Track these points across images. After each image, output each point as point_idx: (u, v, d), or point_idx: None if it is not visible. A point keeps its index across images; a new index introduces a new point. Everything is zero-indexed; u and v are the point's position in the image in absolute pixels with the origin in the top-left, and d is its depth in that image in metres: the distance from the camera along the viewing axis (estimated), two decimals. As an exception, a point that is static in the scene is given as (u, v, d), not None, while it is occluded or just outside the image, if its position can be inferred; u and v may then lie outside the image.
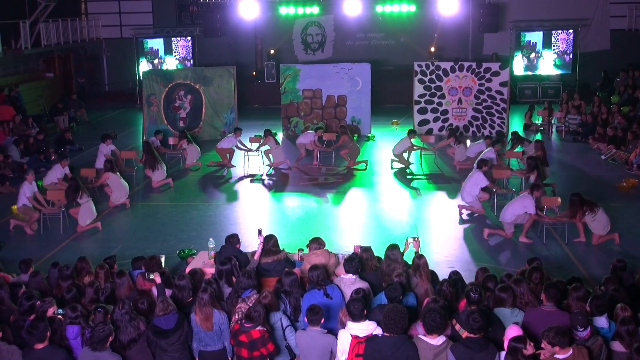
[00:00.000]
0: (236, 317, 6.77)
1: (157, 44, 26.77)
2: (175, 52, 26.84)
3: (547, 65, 25.63)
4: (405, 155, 16.93)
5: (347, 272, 7.49)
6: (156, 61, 26.74)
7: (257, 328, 6.44)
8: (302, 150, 17.46)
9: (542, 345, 5.76)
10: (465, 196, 13.14)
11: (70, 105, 23.63)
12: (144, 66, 26.29)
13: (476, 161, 14.23)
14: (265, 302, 6.83)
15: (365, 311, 6.28)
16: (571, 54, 25.50)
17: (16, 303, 7.33)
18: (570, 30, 25.38)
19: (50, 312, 6.79)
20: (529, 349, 5.67)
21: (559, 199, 12.46)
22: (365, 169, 16.84)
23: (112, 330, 6.26)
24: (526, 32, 25.51)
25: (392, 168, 16.89)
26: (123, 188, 14.05)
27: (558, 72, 25.71)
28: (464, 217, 13.15)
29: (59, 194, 13.19)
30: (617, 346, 6.13)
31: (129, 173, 15.95)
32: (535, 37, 25.59)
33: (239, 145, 17.18)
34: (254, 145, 17.45)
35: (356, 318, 6.21)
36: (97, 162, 15.67)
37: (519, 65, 25.62)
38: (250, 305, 6.72)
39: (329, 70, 20.98)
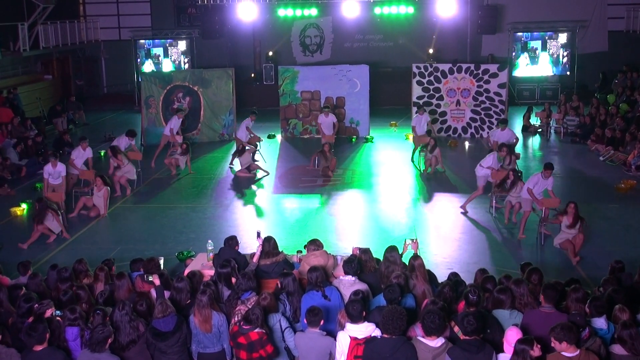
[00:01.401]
0: (235, 319, 6.77)
1: (158, 50, 26.88)
2: (171, 55, 26.92)
3: (544, 61, 25.72)
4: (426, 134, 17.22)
5: (346, 273, 7.49)
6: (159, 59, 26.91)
7: (256, 330, 6.44)
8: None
9: (552, 344, 5.76)
10: (478, 169, 13.76)
11: (68, 107, 23.61)
12: (148, 67, 26.39)
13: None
14: (264, 304, 6.83)
15: (364, 313, 6.28)
16: (558, 55, 25.62)
17: (15, 305, 7.31)
18: (558, 38, 25.52)
19: (48, 313, 6.79)
20: (536, 351, 5.67)
21: (559, 200, 12.40)
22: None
23: (111, 331, 6.25)
24: (524, 33, 25.56)
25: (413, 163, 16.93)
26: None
27: (554, 70, 25.74)
28: (468, 213, 13.28)
29: (57, 195, 13.26)
30: (617, 349, 6.11)
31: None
32: (536, 44, 25.75)
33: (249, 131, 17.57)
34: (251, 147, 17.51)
35: (355, 319, 6.21)
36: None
37: (523, 63, 25.70)
38: (250, 307, 6.72)
39: (328, 72, 20.99)
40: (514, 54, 25.67)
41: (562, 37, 25.61)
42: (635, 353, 5.97)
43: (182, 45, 26.80)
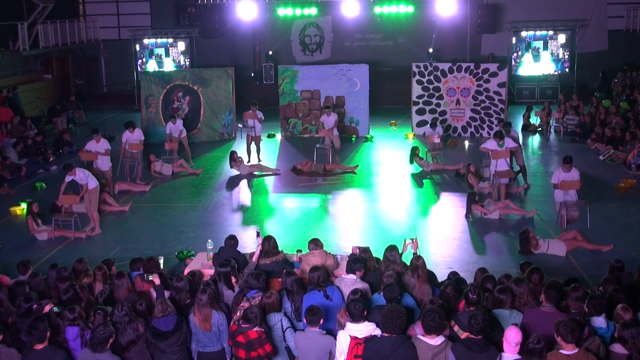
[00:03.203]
0: (238, 314, 6.77)
1: (160, 50, 26.91)
2: (172, 55, 26.94)
3: (546, 60, 25.75)
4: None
5: (351, 272, 7.47)
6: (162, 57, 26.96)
7: (255, 329, 6.45)
8: (327, 141, 17.44)
9: (557, 339, 5.79)
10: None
11: (68, 106, 23.61)
12: (152, 67, 26.44)
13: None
14: (267, 302, 6.84)
15: (365, 312, 6.28)
16: (558, 54, 25.67)
17: (15, 304, 7.31)
18: (558, 39, 25.58)
19: (47, 308, 6.81)
20: None
21: (579, 182, 12.12)
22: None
23: (112, 331, 6.25)
24: (523, 32, 25.56)
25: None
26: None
27: (554, 68, 25.72)
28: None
29: (71, 198, 12.87)
30: (618, 348, 6.10)
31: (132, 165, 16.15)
32: (538, 44, 25.78)
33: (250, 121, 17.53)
34: (249, 123, 17.63)
35: (356, 319, 6.21)
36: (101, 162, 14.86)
37: (527, 61, 25.71)
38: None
39: (327, 72, 20.97)
40: (519, 52, 25.68)
41: (562, 38, 25.62)
42: (636, 352, 5.96)
43: (182, 44, 26.82)
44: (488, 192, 13.88)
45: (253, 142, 17.70)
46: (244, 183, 16.07)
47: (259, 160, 17.61)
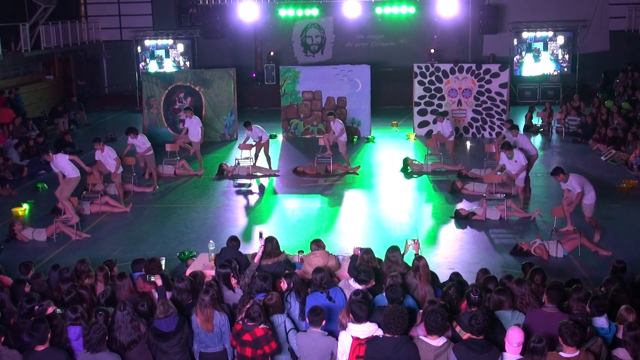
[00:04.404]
0: (243, 315, 6.78)
1: (160, 52, 26.99)
2: (172, 56, 26.98)
3: (546, 60, 25.78)
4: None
5: (360, 282, 7.40)
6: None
7: (260, 326, 6.47)
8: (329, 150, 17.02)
9: (559, 340, 5.78)
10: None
11: (70, 107, 23.64)
12: (153, 68, 26.50)
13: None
14: (270, 304, 6.84)
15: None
16: (557, 55, 25.72)
17: (17, 305, 7.32)
18: (557, 40, 25.60)
19: (50, 310, 6.81)
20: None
21: (561, 210, 12.02)
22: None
23: (105, 329, 6.26)
24: (525, 32, 25.57)
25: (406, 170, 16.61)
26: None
27: (554, 68, 25.72)
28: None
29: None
30: (622, 354, 6.04)
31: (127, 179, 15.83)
32: (539, 45, 25.83)
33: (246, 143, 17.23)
34: (245, 153, 17.30)
35: (360, 319, 6.21)
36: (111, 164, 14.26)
37: (529, 61, 25.76)
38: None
39: (329, 72, 20.98)
40: (522, 52, 25.68)
41: (561, 39, 25.65)
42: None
43: (181, 46, 26.83)
44: (484, 193, 13.80)
45: (262, 148, 17.38)
46: (245, 184, 16.06)
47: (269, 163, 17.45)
